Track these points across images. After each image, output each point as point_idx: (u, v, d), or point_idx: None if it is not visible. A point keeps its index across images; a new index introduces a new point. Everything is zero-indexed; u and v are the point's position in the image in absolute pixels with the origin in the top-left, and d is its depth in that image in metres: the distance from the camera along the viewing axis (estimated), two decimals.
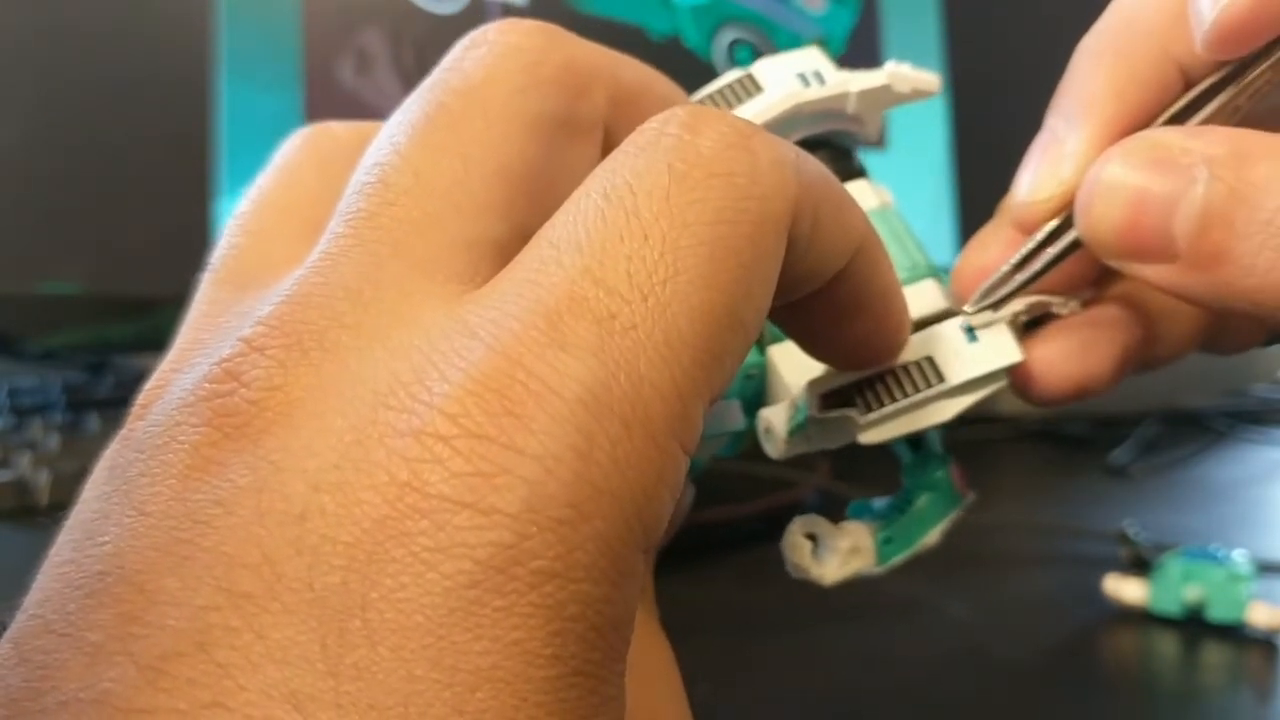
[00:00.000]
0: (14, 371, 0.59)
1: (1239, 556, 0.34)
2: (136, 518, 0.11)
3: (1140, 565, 0.36)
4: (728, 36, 0.62)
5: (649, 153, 0.13)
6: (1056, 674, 0.31)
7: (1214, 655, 0.32)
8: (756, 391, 0.22)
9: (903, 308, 0.17)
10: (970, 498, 0.23)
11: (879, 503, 0.23)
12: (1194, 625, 0.33)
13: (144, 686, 0.10)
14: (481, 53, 0.15)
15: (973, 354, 0.20)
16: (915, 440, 0.23)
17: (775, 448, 0.20)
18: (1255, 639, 0.32)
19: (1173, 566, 0.34)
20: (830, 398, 0.19)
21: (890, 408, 0.19)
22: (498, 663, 0.10)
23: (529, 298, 0.12)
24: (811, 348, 0.18)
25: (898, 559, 0.22)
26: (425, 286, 0.13)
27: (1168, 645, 0.33)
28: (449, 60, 0.16)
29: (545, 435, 0.11)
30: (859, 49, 0.65)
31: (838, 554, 0.21)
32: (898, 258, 0.21)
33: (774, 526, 0.21)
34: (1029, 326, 0.21)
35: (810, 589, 0.21)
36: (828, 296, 0.15)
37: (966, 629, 0.34)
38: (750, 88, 0.21)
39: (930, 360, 0.19)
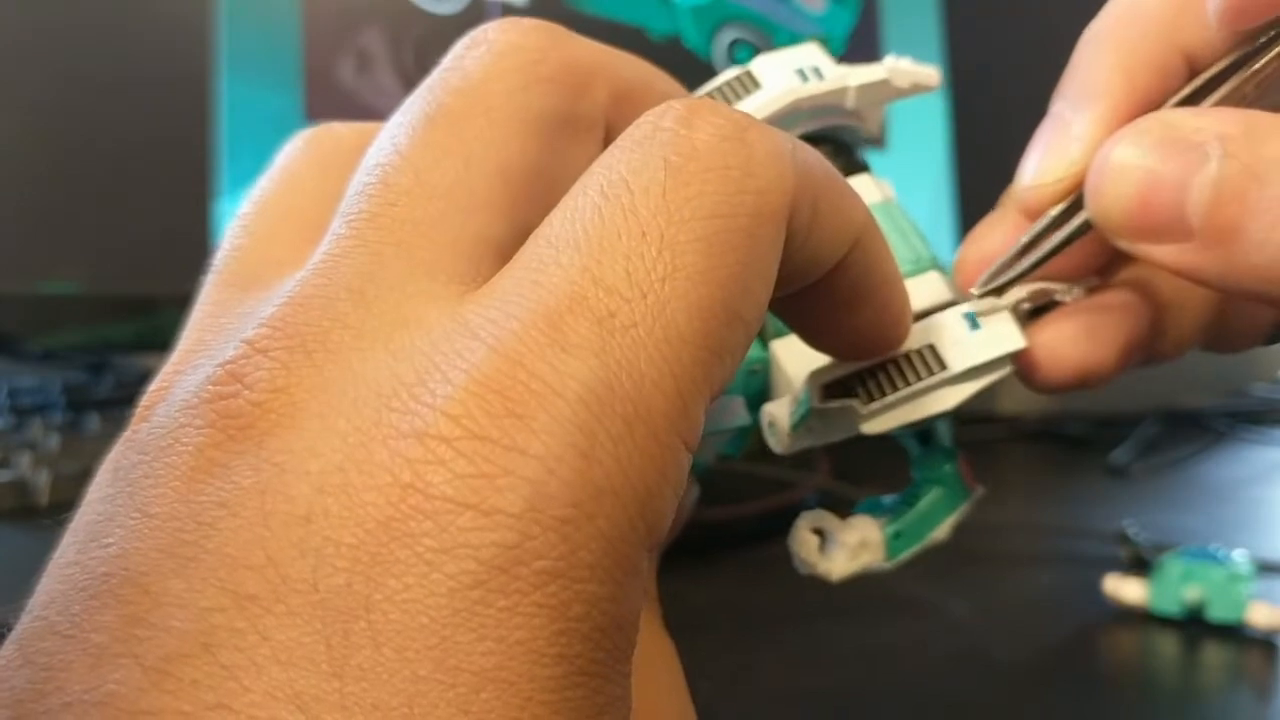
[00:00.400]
0: (14, 371, 0.59)
1: (1239, 556, 0.34)
2: (141, 519, 0.11)
3: (1140, 565, 0.36)
4: (728, 36, 0.62)
5: (645, 147, 0.13)
6: (1056, 674, 0.31)
7: (1214, 655, 0.32)
8: (760, 387, 0.21)
9: (903, 297, 0.17)
10: (980, 491, 0.23)
11: (888, 499, 0.22)
12: (1194, 625, 0.33)
13: (149, 688, 0.10)
14: (481, 52, 0.15)
15: (975, 341, 0.20)
16: (923, 434, 0.23)
17: (779, 441, 0.20)
18: (1255, 639, 0.32)
19: (1173, 566, 0.33)
20: (832, 388, 0.19)
21: (892, 396, 0.19)
22: (502, 663, 0.10)
23: (529, 298, 0.12)
24: (813, 339, 0.18)
25: (907, 554, 0.22)
26: (427, 287, 0.13)
27: (1168, 645, 0.32)
28: (449, 60, 0.16)
29: (547, 435, 0.11)
30: (859, 49, 0.65)
31: (846, 549, 0.21)
32: (901, 251, 0.21)
33: (774, 526, 0.21)
34: (1032, 314, 0.21)
35: (811, 588, 0.21)
36: (828, 287, 0.15)
37: (966, 629, 0.34)
38: (749, 84, 0.21)
39: (932, 348, 0.19)
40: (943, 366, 0.19)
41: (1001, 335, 0.20)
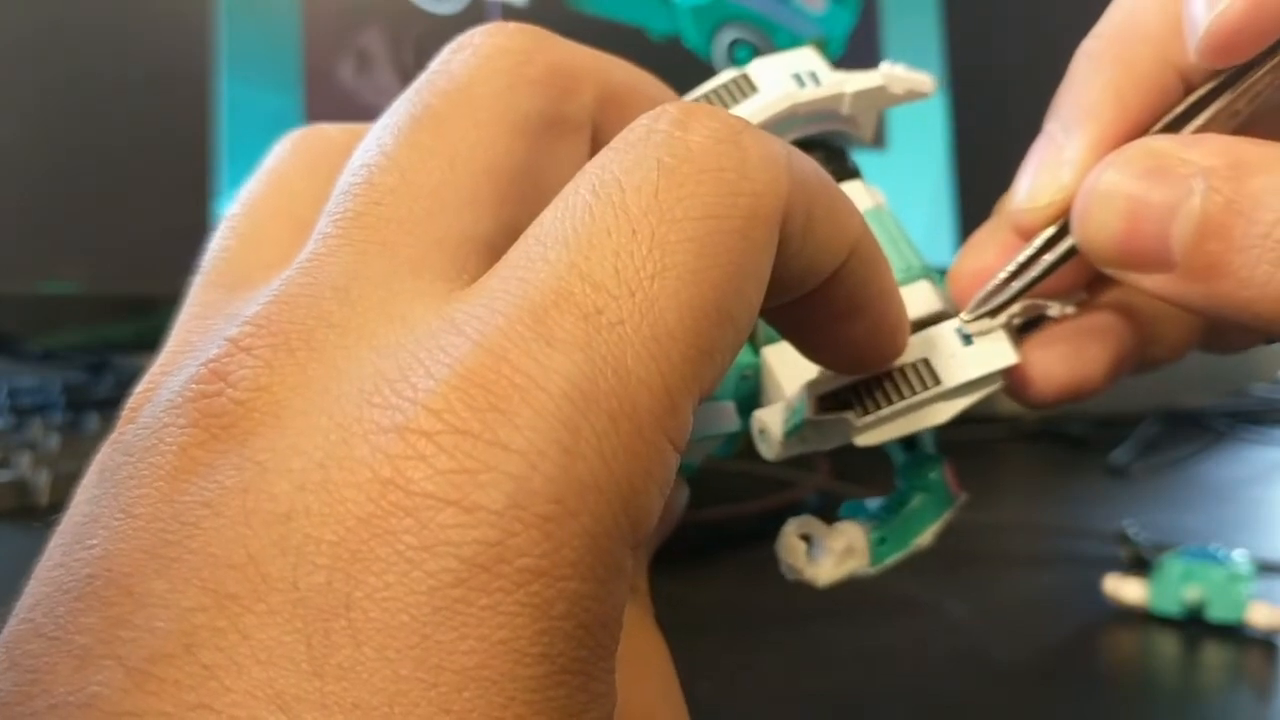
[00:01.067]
0: (14, 371, 0.59)
1: (1239, 556, 0.34)
2: (124, 520, 0.11)
3: (1140, 565, 0.36)
4: (728, 36, 0.62)
5: (639, 148, 0.13)
6: (1056, 674, 0.31)
7: (1214, 655, 0.32)
8: (751, 392, 0.21)
9: (901, 310, 0.17)
10: (963, 498, 0.23)
11: (873, 503, 0.23)
12: (1194, 625, 0.33)
13: (131, 689, 0.10)
14: (467, 55, 0.15)
15: (969, 356, 0.20)
16: (909, 441, 0.23)
17: (770, 449, 0.20)
18: (1255, 639, 0.32)
19: (1173, 566, 0.33)
20: (826, 399, 0.19)
21: (887, 410, 0.19)
22: (484, 662, 0.10)
23: (515, 294, 0.12)
24: (809, 350, 0.17)
25: (891, 560, 0.22)
26: (412, 285, 0.13)
27: (1168, 645, 0.32)
28: (436, 63, 0.16)
29: (530, 430, 0.11)
30: (859, 49, 0.65)
31: (832, 555, 0.21)
32: (892, 259, 0.21)
33: (774, 526, 0.21)
34: (1023, 328, 0.21)
35: (810, 589, 0.21)
36: (823, 297, 0.15)
37: (966, 629, 0.34)
38: (745, 88, 0.21)
39: (926, 363, 0.19)
40: (936, 381, 0.19)
41: (995, 351, 0.20)
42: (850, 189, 0.22)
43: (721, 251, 0.12)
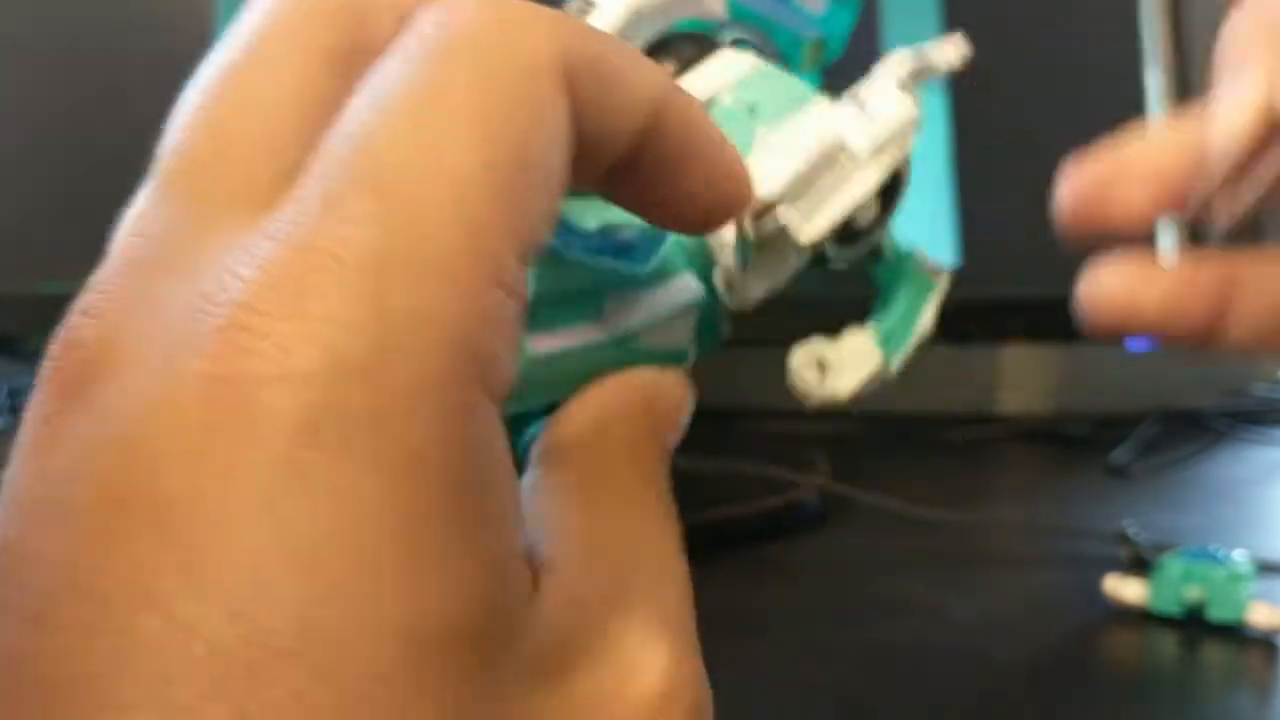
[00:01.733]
0: (14, 371, 0.59)
1: (1239, 556, 0.34)
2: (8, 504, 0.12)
3: (1140, 565, 0.36)
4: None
5: (410, 43, 0.14)
6: (1056, 674, 0.31)
7: (1214, 655, 0.32)
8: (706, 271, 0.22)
9: (733, 155, 0.17)
10: (946, 274, 0.23)
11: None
12: (1194, 625, 0.33)
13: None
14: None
15: (869, 118, 0.20)
16: (874, 252, 0.23)
17: (737, 295, 0.21)
18: (1255, 639, 0.32)
19: (1173, 566, 0.34)
20: (760, 214, 0.20)
21: (814, 193, 0.20)
22: (336, 518, 0.11)
23: (314, 193, 0.13)
24: (653, 213, 0.18)
25: (902, 353, 0.22)
26: (229, 221, 0.13)
27: (1168, 645, 0.33)
28: (242, 11, 0.17)
29: (336, 299, 0.12)
30: (859, 49, 0.65)
31: (846, 366, 0.21)
32: (782, 92, 0.22)
33: (774, 526, 0.21)
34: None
35: (811, 588, 0.21)
36: (645, 156, 0.16)
37: (966, 629, 0.34)
38: (584, 8, 0.22)
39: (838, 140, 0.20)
40: (851, 154, 0.20)
41: (895, 109, 0.21)
42: (722, 58, 0.23)
43: (506, 104, 0.13)
